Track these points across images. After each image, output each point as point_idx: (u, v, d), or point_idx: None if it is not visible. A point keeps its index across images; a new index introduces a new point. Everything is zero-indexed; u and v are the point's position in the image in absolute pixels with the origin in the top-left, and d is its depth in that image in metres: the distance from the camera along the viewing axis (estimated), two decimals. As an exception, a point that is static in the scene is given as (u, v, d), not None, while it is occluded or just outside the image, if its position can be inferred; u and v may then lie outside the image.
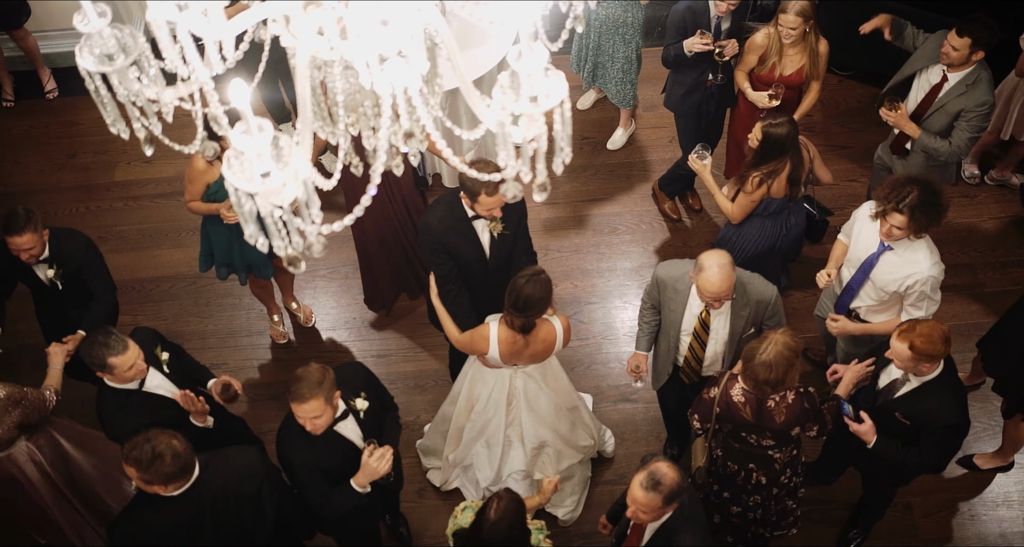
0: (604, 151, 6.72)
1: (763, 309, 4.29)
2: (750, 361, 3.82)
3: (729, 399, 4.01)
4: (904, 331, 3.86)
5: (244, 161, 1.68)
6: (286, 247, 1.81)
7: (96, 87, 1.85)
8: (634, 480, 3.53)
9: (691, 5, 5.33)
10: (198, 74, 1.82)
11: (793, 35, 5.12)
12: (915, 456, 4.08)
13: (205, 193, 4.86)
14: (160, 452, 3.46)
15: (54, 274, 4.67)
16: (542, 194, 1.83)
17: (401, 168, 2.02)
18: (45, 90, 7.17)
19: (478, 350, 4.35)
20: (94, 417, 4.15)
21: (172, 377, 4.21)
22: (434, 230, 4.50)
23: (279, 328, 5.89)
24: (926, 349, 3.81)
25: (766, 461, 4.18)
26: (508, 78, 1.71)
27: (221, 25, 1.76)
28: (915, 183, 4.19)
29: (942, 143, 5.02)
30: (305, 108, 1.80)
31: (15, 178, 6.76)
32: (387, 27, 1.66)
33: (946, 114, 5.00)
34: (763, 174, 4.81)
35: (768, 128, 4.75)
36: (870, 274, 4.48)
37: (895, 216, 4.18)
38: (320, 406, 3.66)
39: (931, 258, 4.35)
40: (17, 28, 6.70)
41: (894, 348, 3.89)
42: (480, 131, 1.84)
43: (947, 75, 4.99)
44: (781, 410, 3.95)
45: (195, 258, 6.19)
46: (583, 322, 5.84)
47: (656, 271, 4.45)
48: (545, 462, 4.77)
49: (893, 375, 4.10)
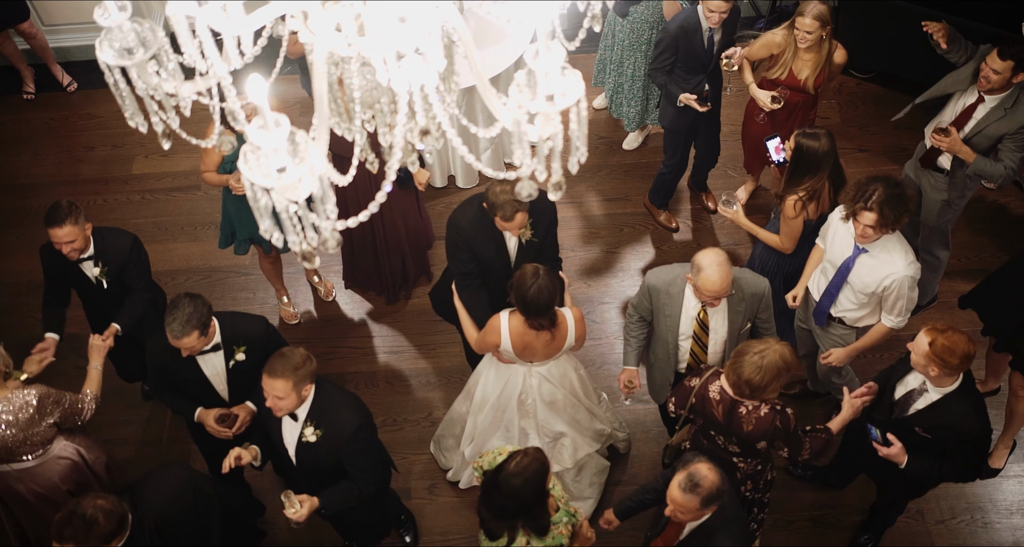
0: (619, 151, 6.70)
1: (757, 302, 4.29)
2: (741, 355, 3.79)
3: (706, 393, 3.99)
4: (934, 328, 3.82)
5: (260, 156, 1.69)
6: (301, 242, 1.82)
7: (115, 81, 1.86)
8: (673, 480, 3.55)
9: (682, 24, 5.26)
10: (216, 69, 1.83)
11: (809, 39, 5.08)
12: (947, 470, 4.04)
13: (220, 165, 4.92)
14: (92, 517, 3.43)
15: (100, 272, 4.69)
16: (557, 193, 1.83)
17: (416, 165, 2.02)
18: (63, 84, 7.21)
19: (491, 343, 4.35)
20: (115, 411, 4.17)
21: (231, 374, 4.24)
22: (463, 230, 4.51)
23: (289, 309, 5.93)
24: (943, 354, 3.77)
25: (728, 467, 4.08)
26: (525, 76, 1.71)
27: (239, 20, 1.77)
28: (877, 180, 4.22)
29: (996, 166, 4.87)
30: (322, 104, 1.81)
31: (34, 170, 6.81)
32: (405, 24, 1.66)
33: (987, 138, 4.89)
34: (802, 198, 4.63)
35: (802, 138, 4.58)
36: (847, 278, 4.47)
37: (865, 215, 4.18)
38: (285, 389, 3.71)
39: (906, 258, 4.33)
40: (22, 21, 6.71)
41: (918, 339, 3.84)
42: (496, 129, 1.84)
43: (983, 96, 4.86)
44: (751, 420, 3.91)
45: (211, 252, 6.25)
46: (596, 322, 5.83)
47: (646, 279, 4.40)
48: (562, 452, 4.75)
49: (910, 386, 4.06)
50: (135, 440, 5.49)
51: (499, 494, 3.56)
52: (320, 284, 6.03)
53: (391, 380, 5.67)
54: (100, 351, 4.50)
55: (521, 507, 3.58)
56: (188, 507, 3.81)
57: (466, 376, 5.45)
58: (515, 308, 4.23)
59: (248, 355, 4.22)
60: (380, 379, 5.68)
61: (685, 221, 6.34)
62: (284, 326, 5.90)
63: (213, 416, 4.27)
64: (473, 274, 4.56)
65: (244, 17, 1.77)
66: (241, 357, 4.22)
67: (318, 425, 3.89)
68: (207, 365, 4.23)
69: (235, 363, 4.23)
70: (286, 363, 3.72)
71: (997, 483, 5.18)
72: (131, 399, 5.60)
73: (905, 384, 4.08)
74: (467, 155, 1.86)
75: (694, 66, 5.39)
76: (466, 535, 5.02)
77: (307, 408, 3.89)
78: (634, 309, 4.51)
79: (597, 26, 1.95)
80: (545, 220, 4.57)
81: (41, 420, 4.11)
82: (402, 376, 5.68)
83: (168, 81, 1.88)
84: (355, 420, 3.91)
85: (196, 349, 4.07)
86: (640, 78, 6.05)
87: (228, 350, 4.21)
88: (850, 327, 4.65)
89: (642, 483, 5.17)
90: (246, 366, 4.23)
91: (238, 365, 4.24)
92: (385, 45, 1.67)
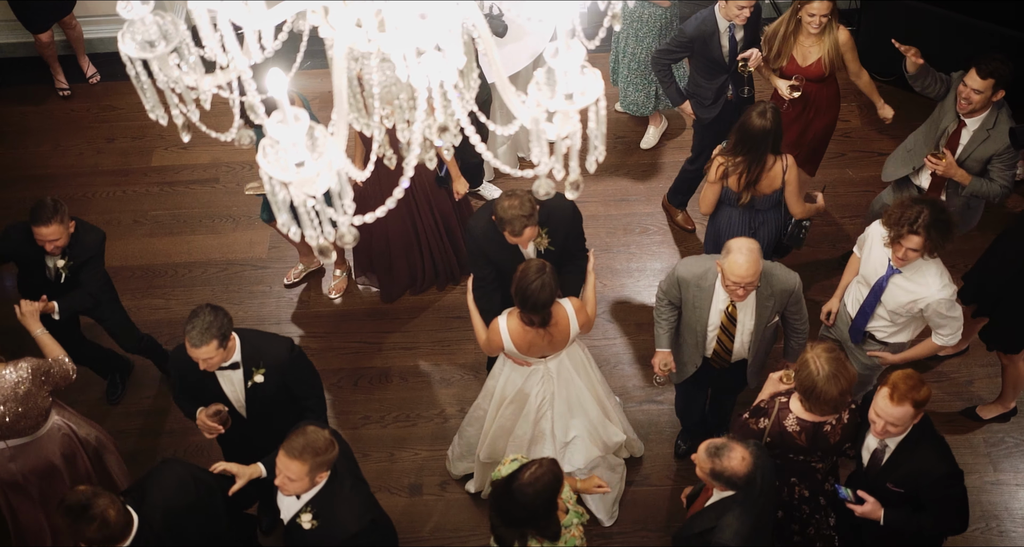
0: (637, 150, 6.69)
1: (786, 297, 4.26)
2: (814, 388, 3.67)
3: (782, 429, 3.91)
4: (895, 393, 3.60)
5: (279, 150, 1.69)
6: (318, 236, 1.82)
7: (137, 73, 1.87)
8: (706, 442, 3.62)
9: (699, 27, 5.25)
10: (237, 62, 1.84)
11: (822, 23, 5.06)
12: (928, 520, 3.90)
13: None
14: (104, 515, 3.40)
15: (63, 265, 4.68)
16: (574, 192, 1.83)
17: (434, 162, 2.03)
18: (87, 75, 7.25)
19: (495, 344, 4.36)
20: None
21: (249, 394, 4.13)
22: (477, 239, 4.52)
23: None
24: (925, 396, 3.63)
25: (808, 472, 4.06)
26: (544, 74, 1.71)
27: (260, 14, 1.78)
28: (923, 203, 4.13)
29: (992, 186, 4.86)
30: (341, 99, 1.81)
31: (54, 160, 6.86)
32: (425, 21, 1.66)
33: (977, 162, 4.86)
34: (727, 165, 4.72)
35: (749, 116, 4.60)
36: (880, 298, 4.41)
37: (911, 238, 4.09)
38: (300, 472, 3.50)
39: (940, 281, 4.26)
40: (67, 13, 6.80)
41: (894, 415, 3.62)
42: (514, 127, 1.84)
43: (964, 121, 4.82)
44: (837, 431, 3.87)
45: (228, 245, 6.28)
46: (610, 321, 5.82)
47: (676, 270, 4.38)
48: (575, 454, 4.75)
49: (871, 447, 3.92)
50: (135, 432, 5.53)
51: (510, 502, 3.56)
52: (338, 278, 6.01)
53: (405, 376, 5.68)
54: (34, 314, 4.39)
55: (531, 517, 3.59)
56: (193, 498, 3.78)
57: (480, 373, 5.46)
58: (512, 309, 4.23)
59: (267, 378, 4.10)
60: (394, 375, 5.69)
61: (702, 222, 6.31)
62: (303, 314, 5.92)
63: (207, 412, 4.13)
64: (488, 278, 4.57)
65: (265, 11, 1.78)
66: (259, 379, 4.09)
67: (316, 516, 3.67)
68: (226, 382, 4.13)
69: (253, 384, 4.11)
70: (307, 445, 3.49)
71: (1013, 492, 5.14)
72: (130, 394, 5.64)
73: (867, 447, 3.94)
74: (485, 152, 1.85)
75: (714, 68, 5.37)
76: (477, 532, 5.02)
77: (312, 494, 3.67)
78: (664, 294, 4.49)
79: (617, 25, 1.95)
80: (563, 228, 4.55)
81: (38, 391, 4.15)
82: (416, 372, 5.68)
83: (189, 74, 1.89)
84: (353, 527, 3.69)
85: (214, 363, 3.92)
86: (629, 57, 6.04)
87: (247, 370, 4.09)
88: (881, 342, 4.60)
89: (655, 483, 5.17)
90: (264, 389, 4.12)
91: (256, 386, 4.11)
92: (405, 41, 1.67)
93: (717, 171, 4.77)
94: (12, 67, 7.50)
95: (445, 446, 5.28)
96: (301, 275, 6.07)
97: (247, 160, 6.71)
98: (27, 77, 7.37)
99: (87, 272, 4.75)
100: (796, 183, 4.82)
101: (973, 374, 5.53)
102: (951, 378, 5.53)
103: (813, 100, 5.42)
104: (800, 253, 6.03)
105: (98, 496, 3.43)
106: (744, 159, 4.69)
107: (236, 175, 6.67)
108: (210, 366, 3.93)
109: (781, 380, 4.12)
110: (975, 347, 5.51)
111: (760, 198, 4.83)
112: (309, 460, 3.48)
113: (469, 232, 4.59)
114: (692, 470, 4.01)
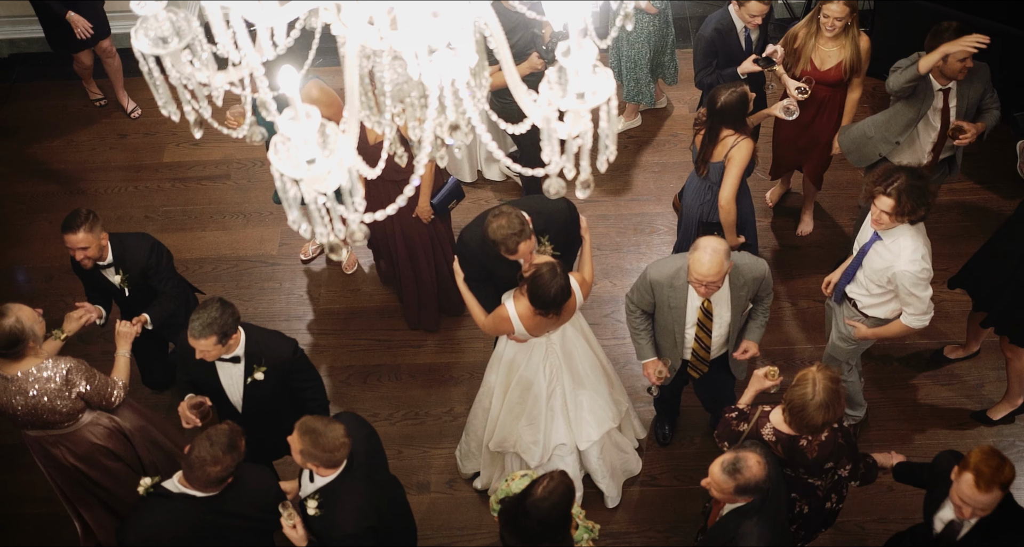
0: (648, 150, 6.68)
1: (758, 284, 4.33)
2: (802, 410, 3.66)
3: (760, 438, 3.90)
4: (981, 480, 3.41)
5: (290, 147, 1.70)
6: (328, 234, 1.82)
7: (149, 69, 1.88)
8: (720, 457, 3.57)
9: (716, 26, 5.29)
10: (249, 59, 1.84)
11: (838, 26, 5.05)
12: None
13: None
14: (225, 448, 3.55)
15: (121, 280, 4.75)
16: (585, 191, 1.83)
17: (445, 160, 2.03)
18: (127, 111, 7.05)
19: (504, 331, 4.37)
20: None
21: (247, 390, 4.18)
22: (474, 251, 4.47)
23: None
24: (1010, 475, 3.45)
25: (808, 489, 4.04)
26: (556, 74, 1.71)
27: (273, 11, 1.78)
28: (903, 169, 4.23)
29: (994, 114, 5.05)
30: (352, 97, 1.81)
31: (67, 155, 6.89)
32: (437, 19, 1.66)
33: (973, 106, 5.01)
34: (700, 123, 4.94)
35: (720, 91, 4.76)
36: (862, 262, 4.47)
37: (883, 199, 4.17)
38: (294, 446, 3.61)
39: (913, 254, 4.27)
40: (104, 37, 6.56)
41: (983, 502, 3.46)
42: (525, 126, 1.84)
43: (944, 88, 4.96)
44: (813, 448, 3.84)
45: (239, 241, 6.30)
46: (620, 321, 5.81)
47: (647, 273, 4.37)
48: (588, 428, 4.73)
49: (946, 518, 3.75)
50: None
51: (526, 519, 3.55)
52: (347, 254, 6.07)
53: (414, 374, 5.69)
54: (127, 338, 4.51)
55: (547, 531, 3.58)
56: (260, 514, 3.81)
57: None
58: (516, 293, 4.23)
59: (267, 376, 4.14)
60: (403, 372, 5.69)
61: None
62: (313, 311, 5.94)
63: (191, 402, 4.18)
64: (480, 277, 4.55)
65: (278, 8, 1.78)
66: (260, 376, 4.14)
67: (321, 505, 3.74)
68: (225, 373, 4.18)
69: (252, 381, 4.16)
70: (313, 430, 3.60)
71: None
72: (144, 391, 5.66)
73: (942, 517, 3.77)
74: (496, 151, 1.85)
75: (736, 64, 5.37)
76: (485, 531, 5.03)
77: (323, 483, 3.75)
78: (635, 304, 4.49)
79: (630, 25, 1.94)
80: (563, 230, 4.51)
81: (70, 390, 4.16)
82: (425, 370, 5.69)
83: (201, 71, 1.90)
84: (349, 527, 3.73)
85: (211, 356, 3.98)
86: (635, 60, 6.18)
87: (248, 366, 4.14)
88: (859, 312, 4.63)
89: (662, 483, 5.17)
90: (263, 387, 4.17)
91: (255, 383, 4.17)
92: (417, 39, 1.68)
93: (694, 127, 5.01)
94: (27, 62, 7.54)
95: (453, 444, 5.28)
96: (318, 251, 6.13)
97: (259, 157, 6.73)
98: (41, 73, 7.41)
99: (158, 281, 4.80)
100: (738, 166, 4.83)
101: (984, 377, 5.50)
102: (962, 381, 5.50)
103: (827, 104, 5.40)
104: (800, 253, 6.02)
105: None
106: (703, 127, 4.90)
107: (247, 172, 6.70)
108: (207, 357, 4.00)
109: (766, 376, 4.14)
110: (986, 350, 5.49)
111: (715, 166, 4.93)
112: (307, 441, 3.57)
113: (464, 244, 4.52)
114: (699, 469, 4.00)
